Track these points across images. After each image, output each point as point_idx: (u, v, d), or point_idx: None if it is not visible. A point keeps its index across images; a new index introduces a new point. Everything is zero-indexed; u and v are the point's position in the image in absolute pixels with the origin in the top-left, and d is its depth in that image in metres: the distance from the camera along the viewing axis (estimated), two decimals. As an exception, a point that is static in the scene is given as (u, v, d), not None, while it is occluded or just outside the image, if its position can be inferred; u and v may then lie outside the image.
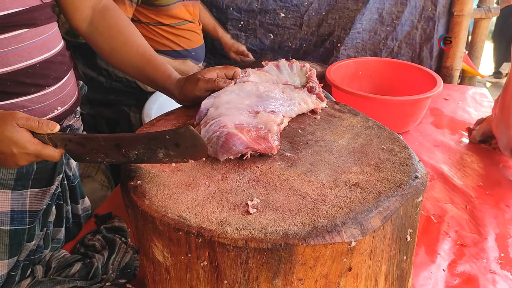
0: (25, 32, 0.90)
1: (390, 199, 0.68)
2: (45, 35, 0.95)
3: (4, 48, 0.87)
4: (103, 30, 1.07)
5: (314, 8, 2.41)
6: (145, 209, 0.68)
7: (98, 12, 1.08)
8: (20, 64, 0.90)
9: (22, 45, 0.90)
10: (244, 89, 0.91)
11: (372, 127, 0.92)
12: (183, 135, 0.69)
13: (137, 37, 1.08)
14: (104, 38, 1.07)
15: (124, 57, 1.06)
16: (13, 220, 0.96)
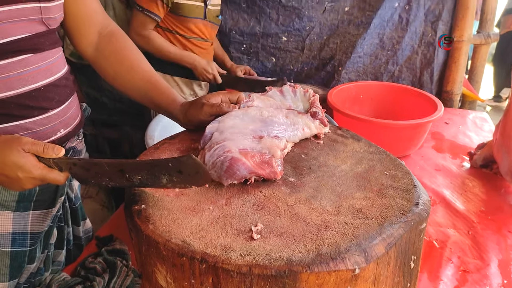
0: (30, 56, 0.91)
1: (394, 226, 0.69)
2: (49, 59, 0.96)
3: (9, 72, 0.88)
4: (108, 54, 1.09)
5: (315, 32, 2.45)
6: (149, 234, 0.68)
7: (104, 37, 1.10)
8: (24, 88, 0.91)
9: (27, 69, 0.91)
10: (248, 114, 0.92)
11: (375, 153, 0.92)
12: (186, 163, 0.70)
13: (143, 62, 1.09)
14: (109, 63, 1.09)
15: (129, 81, 1.08)
16: (14, 242, 0.96)
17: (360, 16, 2.36)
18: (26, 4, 0.88)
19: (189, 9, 2.06)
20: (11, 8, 0.85)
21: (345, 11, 2.38)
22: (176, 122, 1.07)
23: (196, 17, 2.10)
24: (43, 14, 0.91)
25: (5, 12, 0.84)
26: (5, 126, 0.89)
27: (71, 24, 1.06)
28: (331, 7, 2.39)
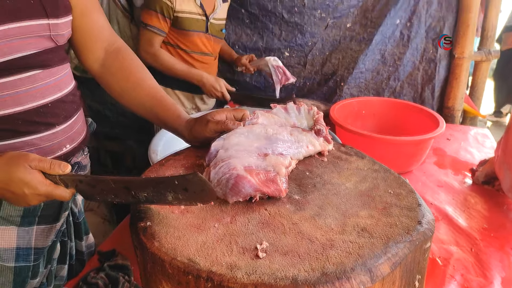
0: (39, 73, 0.93)
1: (399, 245, 0.69)
2: (57, 75, 0.98)
3: (18, 88, 0.89)
4: (115, 71, 1.10)
5: (318, 48, 2.47)
6: (155, 252, 0.68)
7: (111, 54, 1.11)
8: (32, 104, 0.92)
9: (35, 85, 0.92)
10: (253, 131, 0.93)
11: (379, 171, 0.93)
12: (192, 181, 0.71)
13: (148, 79, 1.10)
14: (116, 79, 1.10)
15: (135, 98, 1.09)
16: (18, 257, 0.96)
17: (362, 33, 2.39)
18: (35, 21, 0.89)
19: (189, 23, 2.08)
20: (21, 25, 0.87)
21: (347, 28, 2.41)
22: (181, 138, 1.07)
23: (198, 31, 2.12)
24: (52, 30, 0.93)
25: (15, 29, 0.86)
26: (12, 142, 0.90)
27: (78, 40, 1.08)
28: (333, 24, 2.41)
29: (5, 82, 0.87)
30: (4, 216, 0.93)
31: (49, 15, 0.92)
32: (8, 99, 0.88)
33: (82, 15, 1.05)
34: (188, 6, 2.06)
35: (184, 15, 2.05)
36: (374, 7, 2.35)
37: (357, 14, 2.39)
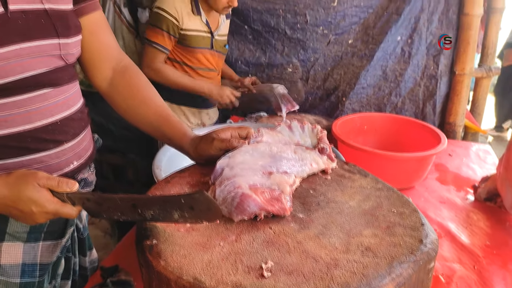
0: (49, 91, 0.94)
1: (403, 265, 0.69)
2: (67, 93, 0.99)
3: (28, 106, 0.91)
4: (122, 89, 1.11)
5: (320, 64, 2.50)
6: (161, 270, 0.69)
7: (118, 72, 1.13)
8: (41, 122, 0.93)
9: (45, 103, 0.94)
10: (257, 150, 0.94)
11: (382, 189, 0.93)
12: (198, 199, 0.72)
13: (155, 97, 1.12)
14: (122, 97, 1.11)
15: (141, 115, 1.10)
16: (23, 273, 0.96)
17: (363, 49, 2.42)
18: (46, 40, 0.91)
19: (196, 40, 2.11)
20: (32, 45, 0.89)
21: (349, 44, 2.44)
22: (186, 156, 1.08)
23: (203, 47, 2.15)
24: (62, 49, 0.95)
25: (27, 48, 0.88)
26: (21, 160, 0.91)
27: (87, 59, 1.09)
28: (335, 40, 2.44)
29: (16, 101, 0.89)
30: (10, 232, 0.94)
31: (60, 35, 0.94)
32: (18, 117, 0.90)
33: (91, 34, 1.07)
34: (195, 24, 2.09)
35: (191, 33, 2.08)
36: (375, 24, 2.38)
37: (359, 31, 2.42)
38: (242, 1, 2.38)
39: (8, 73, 0.86)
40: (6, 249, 0.94)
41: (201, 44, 2.14)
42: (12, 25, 0.86)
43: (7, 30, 0.85)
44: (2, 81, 0.86)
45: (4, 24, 0.84)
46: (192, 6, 2.08)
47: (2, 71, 0.85)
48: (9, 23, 0.85)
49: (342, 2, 2.35)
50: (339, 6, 2.36)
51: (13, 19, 0.86)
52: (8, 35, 0.85)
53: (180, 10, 2.03)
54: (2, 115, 0.88)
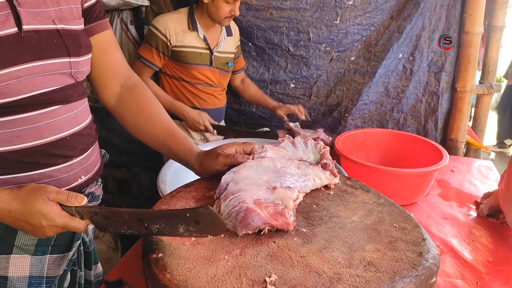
0: (59, 108, 0.97)
1: (405, 280, 0.70)
2: (76, 110, 1.02)
3: (39, 122, 0.94)
4: (129, 105, 1.14)
5: (323, 80, 2.53)
6: (166, 283, 0.70)
7: (126, 89, 1.16)
8: (52, 137, 0.96)
9: (56, 119, 0.97)
10: (262, 165, 0.96)
11: (384, 204, 0.95)
12: (203, 214, 0.73)
13: (161, 113, 1.14)
14: (130, 113, 1.14)
15: (148, 131, 1.13)
16: (30, 285, 0.98)
17: (365, 66, 2.45)
18: (58, 59, 0.94)
19: (192, 56, 2.14)
20: (44, 63, 0.92)
21: (351, 61, 2.47)
22: (191, 170, 1.10)
23: (201, 64, 2.17)
24: (72, 68, 0.98)
25: (39, 66, 0.91)
26: (31, 174, 0.94)
27: (96, 76, 1.13)
28: (337, 57, 2.48)
29: (27, 117, 0.92)
30: (18, 245, 0.96)
31: (71, 54, 0.97)
32: (29, 132, 0.92)
33: (101, 52, 1.10)
34: (191, 41, 2.13)
35: (186, 49, 2.12)
36: (377, 41, 2.41)
37: (361, 48, 2.46)
38: (246, 18, 2.43)
39: (20, 91, 0.89)
40: (14, 262, 0.96)
41: (197, 61, 2.16)
42: (25, 45, 0.89)
43: (20, 49, 0.88)
44: (14, 98, 0.89)
45: (18, 44, 0.88)
46: (189, 23, 2.13)
47: (14, 89, 0.88)
48: (23, 42, 0.88)
49: (345, 20, 2.39)
50: (342, 24, 2.40)
51: (26, 38, 0.89)
52: (21, 54, 0.88)
53: (172, 28, 2.08)
54: (14, 131, 0.91)
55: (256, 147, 1.03)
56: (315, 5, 2.39)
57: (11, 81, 0.88)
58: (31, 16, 0.90)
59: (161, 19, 2.11)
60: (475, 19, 2.26)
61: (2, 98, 0.88)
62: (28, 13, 0.90)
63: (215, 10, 2.08)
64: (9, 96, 0.88)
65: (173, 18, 2.12)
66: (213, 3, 2.07)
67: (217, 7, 2.06)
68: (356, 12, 2.37)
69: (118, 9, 2.43)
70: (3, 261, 0.95)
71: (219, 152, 1.01)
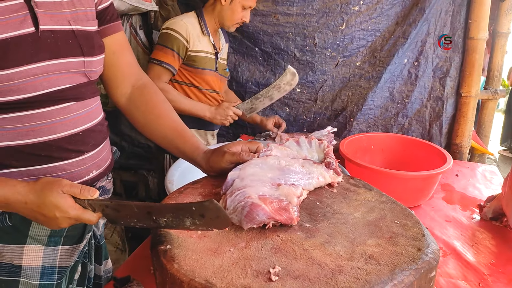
0: (73, 104, 1.01)
1: (405, 273, 0.72)
2: (89, 107, 1.06)
3: (54, 118, 0.98)
4: (140, 104, 1.18)
5: (328, 85, 2.56)
6: (174, 273, 0.73)
7: (137, 89, 1.20)
8: (65, 132, 1.00)
9: (69, 115, 1.01)
10: (267, 163, 0.99)
11: (386, 202, 0.97)
12: (208, 207, 0.76)
13: (171, 112, 1.18)
14: (140, 112, 1.18)
15: (157, 129, 1.16)
16: (43, 275, 1.01)
17: (371, 71, 2.48)
18: (72, 58, 0.99)
19: (203, 61, 2.15)
20: (59, 62, 0.96)
21: (357, 66, 2.50)
22: (198, 168, 1.13)
23: (209, 69, 2.19)
24: (86, 67, 1.02)
25: (54, 65, 0.95)
26: (45, 167, 0.98)
27: (109, 76, 1.17)
28: (343, 62, 2.51)
29: (43, 112, 0.96)
30: (32, 235, 0.99)
31: (85, 54, 1.01)
32: (44, 127, 0.97)
33: (113, 53, 1.15)
34: (203, 45, 2.14)
35: (199, 54, 2.13)
36: (383, 47, 2.44)
37: (366, 54, 2.48)
38: (253, 24, 2.47)
39: (36, 87, 0.94)
40: (27, 252, 0.99)
41: (206, 66, 2.17)
42: (41, 44, 0.93)
43: (37, 48, 0.93)
44: (31, 94, 0.93)
45: (35, 43, 0.92)
46: (202, 27, 2.14)
47: (30, 85, 0.93)
48: (39, 41, 0.93)
49: (350, 26, 2.43)
50: (347, 29, 2.43)
51: (43, 38, 0.94)
52: (37, 53, 0.93)
53: (192, 32, 2.08)
54: (30, 125, 0.95)
55: (261, 146, 1.06)
56: (321, 11, 2.42)
57: (28, 78, 0.92)
58: (47, 17, 0.95)
59: (180, 22, 2.08)
60: (480, 25, 2.29)
61: (19, 94, 0.92)
62: (45, 13, 0.95)
63: (230, 14, 2.07)
64: (26, 93, 0.93)
65: (190, 22, 2.11)
66: (230, 7, 2.06)
67: (233, 11, 2.06)
68: (362, 18, 2.40)
69: (127, 14, 2.48)
70: (17, 250, 0.99)
71: (226, 150, 1.04)
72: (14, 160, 0.96)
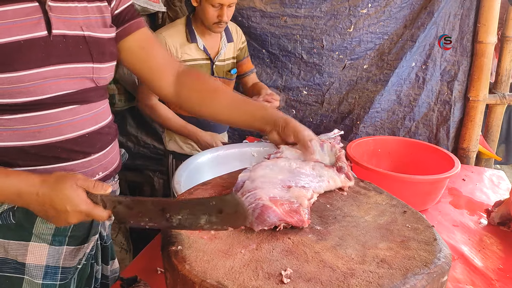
0: (80, 107, 1.03)
1: (417, 277, 0.72)
2: (96, 110, 1.07)
3: (60, 119, 0.99)
4: (191, 84, 1.17)
5: (335, 88, 2.55)
6: (186, 274, 0.73)
7: (182, 73, 1.19)
8: (72, 134, 1.01)
9: (76, 117, 1.02)
10: (277, 165, 0.99)
11: (397, 206, 0.97)
12: (228, 201, 0.77)
13: (223, 86, 1.18)
14: (194, 92, 1.17)
15: (217, 103, 1.15)
16: (46, 274, 1.01)
17: (378, 74, 2.47)
18: (82, 64, 1.01)
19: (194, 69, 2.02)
20: (69, 67, 0.98)
21: (364, 69, 2.50)
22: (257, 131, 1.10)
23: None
24: (94, 73, 1.04)
25: (64, 69, 0.97)
26: (52, 167, 0.98)
27: (147, 72, 1.18)
28: (350, 65, 2.50)
29: (50, 114, 0.97)
30: (36, 233, 1.00)
31: (94, 60, 1.03)
32: (50, 129, 0.98)
33: (142, 48, 1.15)
34: (191, 53, 2.05)
35: (188, 63, 2.04)
36: (390, 50, 2.44)
37: (374, 57, 2.48)
38: (261, 26, 2.47)
39: (45, 90, 0.95)
40: (32, 249, 1.00)
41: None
42: (53, 48, 0.95)
43: (48, 52, 0.94)
44: (40, 97, 0.95)
45: (46, 46, 0.94)
46: (187, 34, 2.05)
47: (40, 88, 0.94)
48: (51, 45, 0.95)
49: (358, 28, 2.42)
50: (355, 32, 2.43)
51: (54, 42, 0.95)
52: (49, 57, 0.94)
53: (173, 45, 2.00)
54: (38, 126, 0.96)
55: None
56: (329, 13, 2.42)
57: (38, 81, 0.93)
58: (60, 22, 0.96)
59: (159, 35, 2.00)
60: (488, 29, 2.28)
61: (28, 96, 0.93)
62: (58, 18, 0.96)
63: (203, 15, 1.99)
64: (35, 95, 0.94)
65: (170, 33, 2.03)
66: (201, 7, 1.98)
67: (204, 11, 1.97)
68: (370, 21, 2.40)
69: (135, 15, 2.48)
70: (22, 247, 0.99)
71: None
72: (20, 160, 0.97)
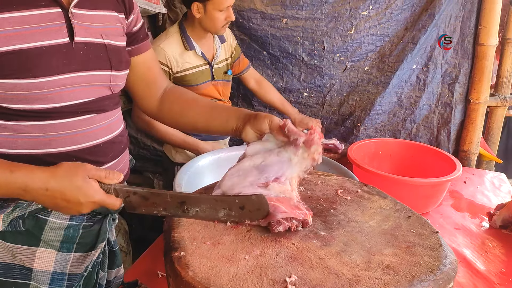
0: (95, 116, 1.02)
1: (423, 284, 0.71)
2: (111, 118, 1.07)
3: (76, 128, 0.99)
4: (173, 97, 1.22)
5: (336, 89, 2.55)
6: (189, 280, 0.72)
7: (167, 90, 1.24)
8: (87, 144, 1.01)
9: (91, 127, 1.02)
10: (241, 168, 0.96)
11: (401, 210, 0.96)
12: (253, 201, 0.79)
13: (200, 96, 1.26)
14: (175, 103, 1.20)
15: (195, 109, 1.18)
16: (52, 280, 1.00)
17: (379, 76, 2.47)
18: (101, 71, 1.01)
19: (195, 77, 2.04)
20: (88, 74, 0.98)
21: (365, 71, 2.49)
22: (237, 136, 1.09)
23: (204, 82, 2.08)
24: (112, 81, 1.04)
25: (82, 77, 0.97)
26: None
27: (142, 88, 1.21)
28: (351, 67, 2.50)
29: (66, 123, 0.97)
30: (45, 239, 0.98)
31: (113, 68, 1.03)
32: (66, 137, 0.97)
33: (148, 69, 1.20)
34: (190, 61, 2.02)
35: (188, 72, 2.02)
36: (391, 52, 2.43)
37: (375, 59, 2.47)
38: (262, 27, 2.46)
39: (62, 98, 0.95)
40: (40, 255, 0.98)
41: (201, 80, 2.06)
42: (74, 55, 0.95)
43: (69, 59, 0.94)
44: (57, 105, 0.94)
45: (67, 53, 0.94)
46: (184, 42, 2.02)
47: (58, 96, 0.94)
48: (72, 52, 0.94)
49: (359, 30, 2.41)
50: (356, 34, 2.42)
51: (76, 49, 0.95)
52: (69, 64, 0.94)
53: (172, 56, 1.97)
54: (53, 135, 0.96)
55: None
56: (330, 15, 2.41)
57: (56, 88, 0.93)
58: (83, 29, 0.96)
59: (157, 48, 1.93)
60: (490, 31, 2.28)
61: (45, 103, 0.93)
62: (80, 25, 0.96)
63: (210, 22, 1.97)
64: (52, 102, 0.94)
65: (167, 43, 1.98)
66: (206, 16, 1.95)
67: (212, 18, 1.95)
68: (371, 23, 2.39)
69: (136, 16, 2.47)
70: (30, 252, 0.98)
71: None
72: None
